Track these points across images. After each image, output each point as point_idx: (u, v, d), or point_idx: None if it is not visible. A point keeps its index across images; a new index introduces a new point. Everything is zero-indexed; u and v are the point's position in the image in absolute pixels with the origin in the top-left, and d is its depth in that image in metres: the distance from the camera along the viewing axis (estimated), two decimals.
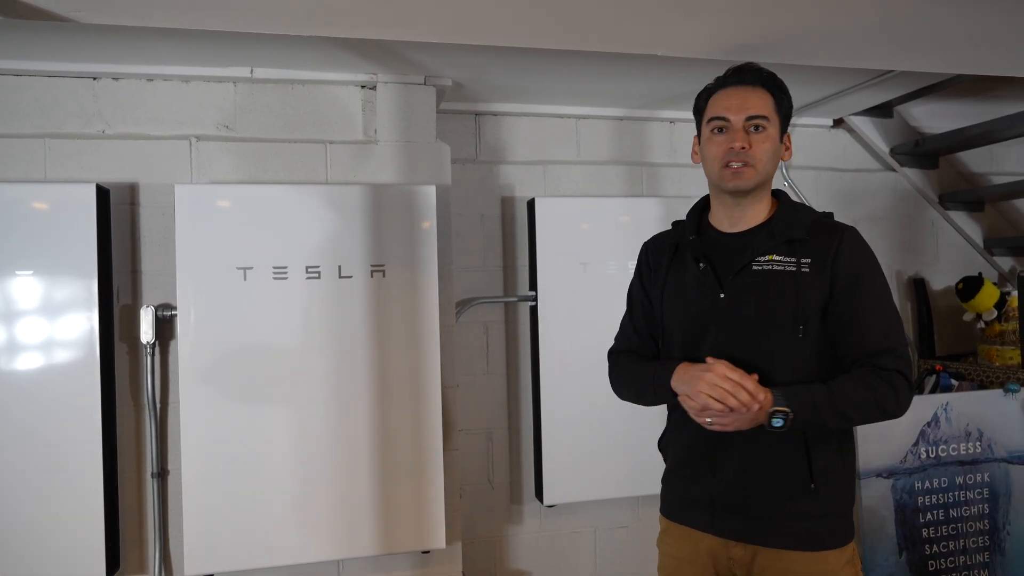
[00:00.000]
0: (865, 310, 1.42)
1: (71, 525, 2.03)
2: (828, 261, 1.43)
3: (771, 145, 1.46)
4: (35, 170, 2.14)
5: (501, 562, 2.71)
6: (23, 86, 2.15)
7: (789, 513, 1.44)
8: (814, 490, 1.43)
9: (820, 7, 1.67)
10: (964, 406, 2.48)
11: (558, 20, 1.72)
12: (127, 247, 2.21)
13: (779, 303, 1.43)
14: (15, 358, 2.03)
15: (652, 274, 1.61)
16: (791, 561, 1.43)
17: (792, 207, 1.53)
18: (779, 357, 1.43)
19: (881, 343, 1.41)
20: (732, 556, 1.48)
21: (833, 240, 1.45)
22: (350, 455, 2.19)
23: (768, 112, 1.46)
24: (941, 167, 3.12)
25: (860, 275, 1.44)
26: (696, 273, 1.51)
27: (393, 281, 2.23)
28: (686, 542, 1.54)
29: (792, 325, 1.42)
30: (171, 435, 2.22)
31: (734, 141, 1.44)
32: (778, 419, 1.33)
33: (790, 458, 1.43)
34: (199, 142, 2.24)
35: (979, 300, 2.88)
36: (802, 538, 1.43)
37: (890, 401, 1.39)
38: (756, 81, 1.49)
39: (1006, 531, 2.48)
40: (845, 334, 1.43)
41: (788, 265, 1.44)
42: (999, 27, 1.80)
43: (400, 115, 2.33)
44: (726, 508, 1.48)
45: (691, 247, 1.53)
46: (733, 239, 1.51)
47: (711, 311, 1.47)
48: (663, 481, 1.64)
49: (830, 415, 1.37)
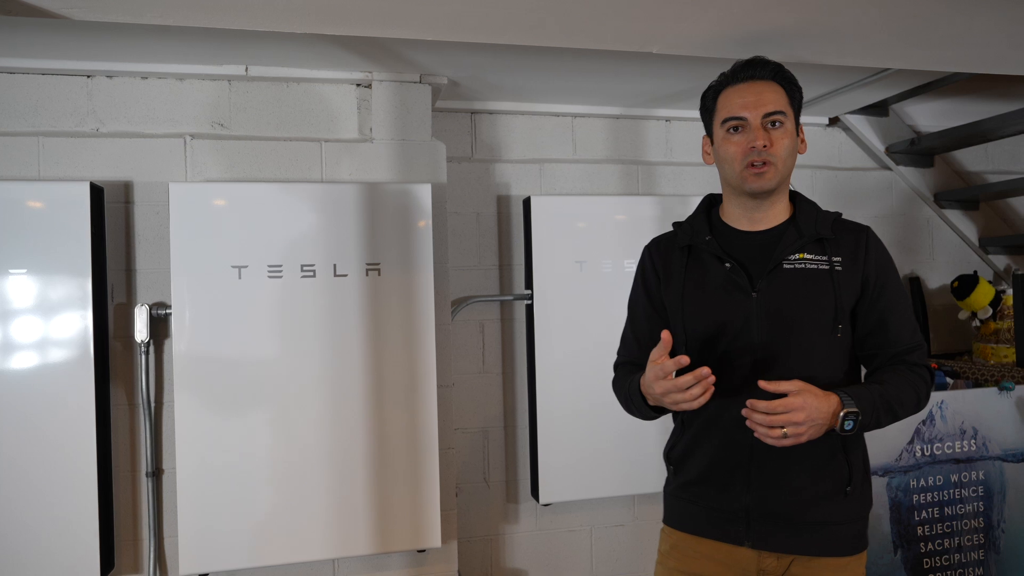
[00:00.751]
0: (895, 308, 1.43)
1: (65, 524, 2.03)
2: (860, 260, 1.42)
3: (790, 140, 1.42)
4: (29, 168, 2.13)
5: (497, 561, 2.71)
6: (17, 84, 2.14)
7: (826, 518, 1.41)
8: (849, 493, 1.42)
9: (815, 5, 1.67)
10: (959, 404, 2.48)
11: (553, 18, 1.72)
12: (121, 246, 2.20)
13: (819, 302, 1.40)
14: (9, 357, 2.02)
15: (665, 278, 1.52)
16: (823, 568, 1.40)
17: (812, 205, 1.50)
18: (817, 356, 1.40)
19: (911, 340, 1.43)
20: (763, 568, 1.42)
21: (860, 239, 1.44)
22: (345, 454, 2.18)
23: (784, 107, 1.42)
24: (937, 166, 3.13)
25: (888, 274, 1.45)
26: (722, 273, 1.44)
27: (388, 280, 2.22)
28: (707, 558, 1.46)
29: (832, 324, 1.40)
30: (166, 434, 2.22)
31: (755, 140, 1.39)
32: (850, 421, 1.30)
33: (829, 461, 1.40)
34: (193, 140, 2.23)
35: (974, 298, 2.88)
36: (836, 544, 1.41)
37: (924, 397, 1.42)
38: (767, 75, 1.43)
39: (1000, 529, 2.48)
40: (877, 332, 1.43)
41: (821, 264, 1.41)
42: (994, 25, 1.80)
43: (395, 113, 2.33)
44: (763, 518, 1.41)
45: (710, 247, 1.46)
46: (757, 238, 1.46)
47: (744, 312, 1.41)
48: (674, 493, 1.55)
49: (884, 414, 1.36)
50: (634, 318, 1.59)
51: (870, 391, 1.35)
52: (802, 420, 1.27)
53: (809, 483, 1.40)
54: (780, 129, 1.41)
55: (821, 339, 1.40)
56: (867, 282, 1.42)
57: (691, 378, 1.28)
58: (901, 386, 1.39)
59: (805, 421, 1.27)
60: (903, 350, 1.43)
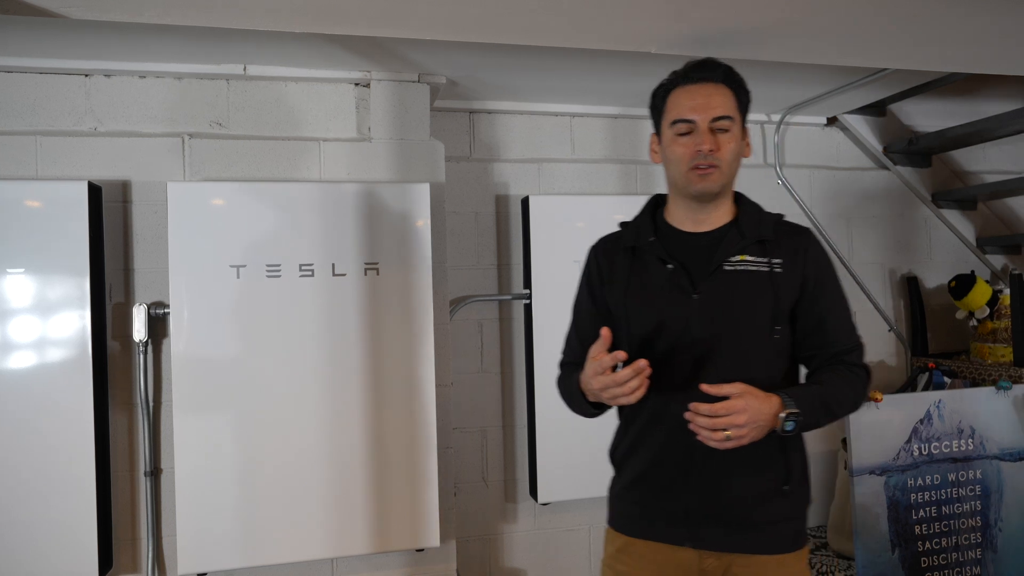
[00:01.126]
0: (833, 310, 1.46)
1: (64, 524, 2.02)
2: (799, 262, 1.44)
3: (736, 145, 1.44)
4: (27, 168, 2.13)
5: (495, 560, 2.71)
6: (14, 83, 2.13)
7: (766, 517, 1.43)
8: (787, 492, 1.44)
9: (814, 4, 1.67)
10: (956, 403, 2.49)
11: (552, 18, 1.72)
12: (119, 245, 2.20)
13: (757, 303, 1.42)
14: (7, 356, 2.02)
15: (609, 278, 1.54)
16: (764, 566, 1.42)
17: (755, 207, 1.52)
18: (756, 356, 1.42)
19: (849, 341, 1.46)
20: (705, 568, 1.44)
21: (800, 241, 1.47)
22: (344, 453, 2.18)
23: (731, 111, 1.43)
24: (934, 165, 3.13)
25: (826, 276, 1.47)
26: (664, 274, 1.46)
27: (387, 279, 2.22)
28: (650, 561, 1.48)
29: (770, 325, 1.42)
30: (164, 434, 2.21)
31: (701, 144, 1.40)
32: (791, 422, 1.32)
33: (768, 461, 1.42)
34: (192, 139, 2.23)
35: (971, 298, 2.89)
36: (776, 542, 1.43)
37: (861, 397, 1.46)
38: (717, 78, 1.44)
39: (998, 528, 2.49)
40: (815, 333, 1.45)
41: (761, 266, 1.43)
42: (992, 25, 1.81)
43: (394, 113, 2.33)
44: (703, 518, 1.43)
45: (653, 248, 1.48)
46: (700, 239, 1.48)
47: (685, 314, 1.43)
48: (618, 495, 1.56)
49: (823, 414, 1.39)
50: (578, 319, 1.62)
51: (810, 392, 1.38)
52: (744, 422, 1.28)
53: (748, 483, 1.42)
54: (727, 133, 1.43)
55: (759, 340, 1.42)
56: (806, 284, 1.44)
57: (630, 371, 1.30)
58: (839, 386, 1.42)
59: (747, 423, 1.29)
60: (841, 350, 1.45)
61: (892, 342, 3.14)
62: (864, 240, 3.13)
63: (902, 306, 3.17)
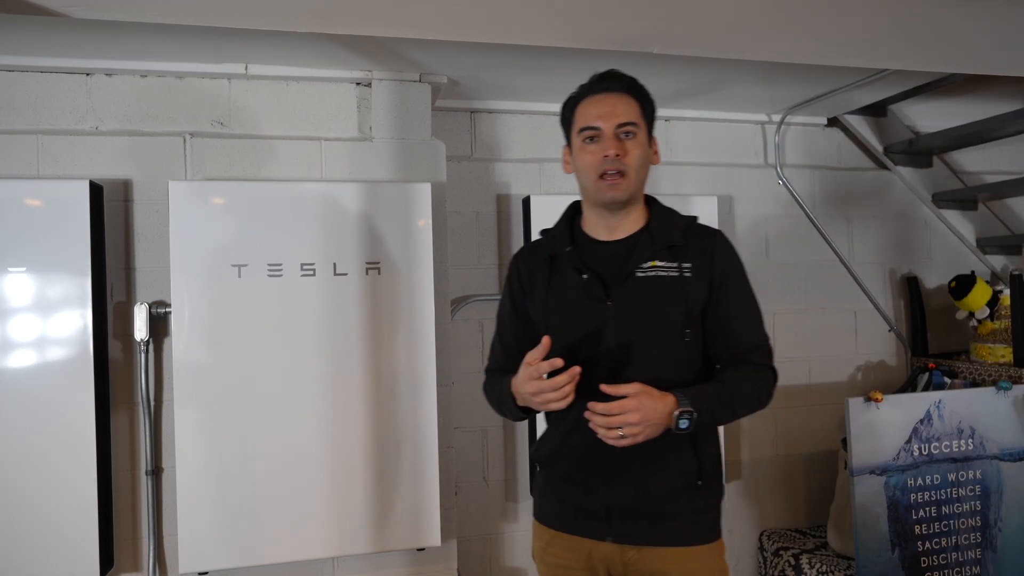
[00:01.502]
0: (739, 310, 1.52)
1: (65, 523, 2.03)
2: (707, 265, 1.50)
3: (642, 151, 1.49)
4: (28, 167, 2.13)
5: (496, 560, 2.71)
6: (16, 82, 2.13)
7: (682, 511, 1.49)
8: (701, 486, 1.50)
9: (815, 6, 1.67)
10: (956, 404, 2.49)
11: (554, 18, 1.72)
12: (121, 244, 2.20)
13: (668, 308, 1.48)
14: (8, 355, 2.02)
15: (529, 288, 1.59)
16: (680, 557, 1.48)
17: (666, 212, 1.57)
18: (668, 359, 1.48)
19: (753, 340, 1.52)
20: (627, 560, 1.50)
21: (708, 244, 1.52)
22: (345, 453, 2.19)
23: (636, 118, 1.49)
24: (935, 166, 3.13)
25: (733, 277, 1.53)
26: (580, 283, 1.51)
27: (388, 279, 2.23)
28: (576, 552, 1.54)
29: (681, 328, 1.48)
30: (165, 433, 2.21)
31: (607, 149, 1.45)
32: (684, 420, 1.37)
33: (680, 457, 1.49)
34: (193, 139, 2.23)
35: (971, 298, 2.89)
36: (692, 533, 1.49)
37: (765, 395, 1.51)
38: (621, 88, 1.51)
39: (997, 528, 2.49)
40: (721, 333, 1.51)
41: (671, 271, 1.49)
42: (993, 26, 1.81)
43: (395, 112, 2.33)
44: (623, 514, 1.49)
45: (570, 258, 1.53)
46: (613, 247, 1.54)
47: (599, 320, 1.48)
48: (542, 491, 1.62)
49: (724, 412, 1.45)
50: (501, 327, 1.67)
51: (708, 390, 1.44)
52: (637, 420, 1.34)
53: (664, 478, 1.48)
54: (632, 140, 1.48)
55: (671, 343, 1.48)
56: (713, 285, 1.50)
57: (566, 377, 1.35)
58: (740, 384, 1.47)
59: (640, 421, 1.34)
60: (746, 349, 1.50)
61: (892, 342, 3.15)
62: (864, 240, 3.13)
63: (902, 306, 3.17)
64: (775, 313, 3.00)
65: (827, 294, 3.07)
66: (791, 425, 3.03)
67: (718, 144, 2.95)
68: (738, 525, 2.97)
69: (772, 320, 3.01)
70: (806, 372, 3.05)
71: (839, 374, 3.10)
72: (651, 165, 1.56)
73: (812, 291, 3.06)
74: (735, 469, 2.95)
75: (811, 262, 3.06)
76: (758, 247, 3.00)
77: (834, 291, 3.08)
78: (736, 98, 2.74)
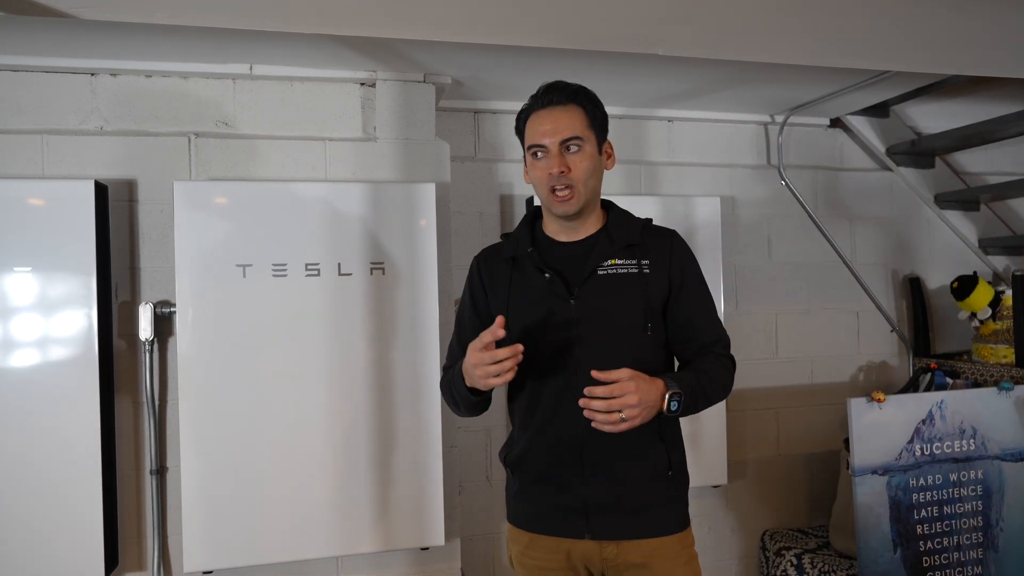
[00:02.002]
0: (699, 305, 1.58)
1: (70, 522, 2.03)
2: (666, 262, 1.55)
3: (590, 162, 1.52)
4: (33, 166, 2.13)
5: (500, 560, 2.72)
6: (21, 82, 2.14)
7: (655, 502, 1.54)
8: (671, 477, 1.55)
9: (819, 8, 1.68)
10: (958, 404, 2.50)
11: (558, 19, 1.73)
12: (126, 244, 2.21)
13: (630, 304, 1.52)
14: (13, 355, 2.02)
15: (491, 288, 1.62)
16: (660, 548, 1.52)
17: (623, 214, 1.62)
18: (631, 352, 1.51)
19: (714, 333, 1.58)
20: (605, 557, 1.53)
21: (667, 243, 1.58)
22: (349, 453, 2.19)
23: (580, 130, 1.51)
24: (937, 167, 3.14)
25: (692, 274, 1.58)
26: (542, 283, 1.54)
27: (392, 279, 2.23)
28: (555, 553, 1.56)
29: (642, 323, 1.52)
30: (170, 432, 2.22)
31: (553, 166, 1.49)
32: (675, 402, 1.41)
33: (650, 449, 1.53)
34: (198, 139, 2.23)
35: (974, 299, 2.89)
36: (667, 523, 1.54)
37: (730, 381, 1.57)
38: (565, 99, 1.52)
39: (999, 528, 2.50)
40: (684, 327, 1.57)
41: (631, 268, 1.54)
42: (995, 28, 1.82)
43: (399, 113, 2.34)
44: (600, 510, 1.52)
45: (531, 258, 1.57)
46: (573, 247, 1.58)
47: (564, 318, 1.52)
48: (516, 496, 1.63)
49: (701, 398, 1.49)
50: (460, 328, 1.68)
51: (687, 376, 1.49)
52: (636, 402, 1.36)
53: (635, 471, 1.52)
54: (578, 152, 1.51)
55: (634, 337, 1.52)
56: (672, 283, 1.55)
57: (508, 351, 1.38)
58: (711, 372, 1.52)
59: (639, 403, 1.36)
60: (708, 342, 1.57)
61: (894, 342, 3.16)
62: (867, 241, 3.14)
63: (904, 307, 3.18)
64: (777, 313, 3.01)
65: (829, 294, 3.08)
66: (793, 425, 3.04)
67: (721, 145, 2.95)
68: (740, 525, 2.97)
69: (774, 320, 3.01)
70: (808, 372, 3.06)
71: (841, 374, 3.10)
72: (604, 171, 1.60)
73: (814, 292, 3.06)
74: (737, 469, 2.95)
75: (813, 263, 3.06)
76: (760, 248, 3.00)
77: (836, 291, 3.09)
78: (739, 99, 2.75)
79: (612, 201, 1.66)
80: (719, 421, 2.76)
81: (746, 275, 2.98)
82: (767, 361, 3.00)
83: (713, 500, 2.93)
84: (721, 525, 2.96)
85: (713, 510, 2.94)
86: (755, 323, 2.97)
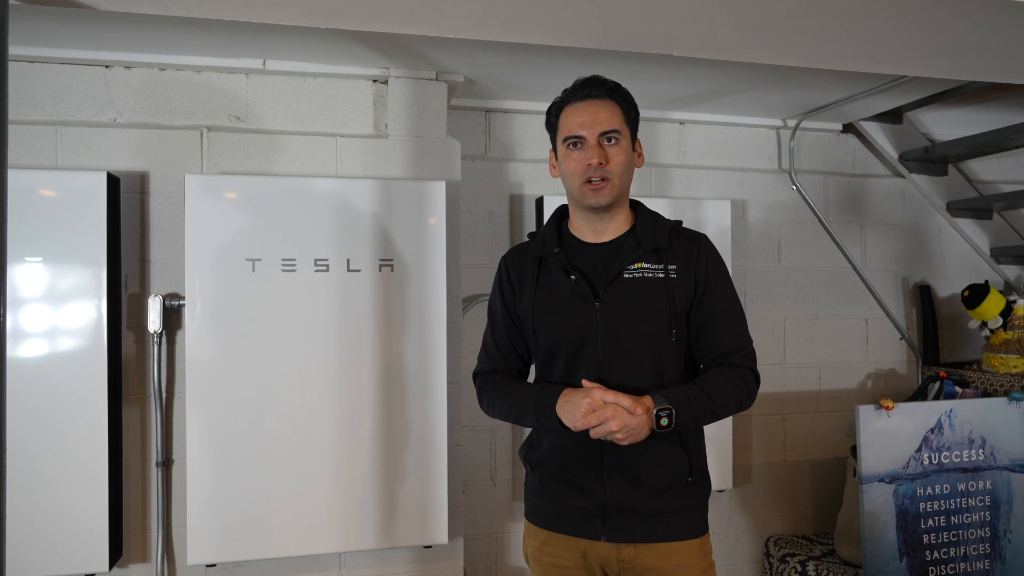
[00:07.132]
0: (722, 312, 1.55)
1: (75, 513, 2.04)
2: (692, 267, 1.54)
3: (625, 157, 1.52)
4: (46, 157, 2.14)
5: (502, 559, 2.71)
6: (35, 73, 2.15)
7: (674, 507, 1.53)
8: (691, 483, 1.55)
9: (835, 11, 1.67)
10: (967, 413, 2.48)
11: (573, 17, 1.72)
12: (136, 236, 2.21)
13: (654, 308, 1.51)
14: (23, 345, 2.03)
15: (518, 290, 1.62)
16: (672, 552, 1.52)
17: (652, 216, 1.60)
18: (654, 359, 1.51)
19: (735, 342, 1.55)
20: (622, 558, 1.53)
21: (694, 247, 1.56)
22: (354, 449, 2.19)
23: (619, 124, 1.52)
24: (950, 174, 3.12)
25: (717, 280, 1.56)
26: (568, 285, 1.54)
27: (401, 276, 2.23)
28: (572, 551, 1.56)
29: (667, 329, 1.51)
30: (176, 425, 2.22)
31: (591, 157, 1.49)
32: (664, 417, 1.41)
33: (671, 455, 1.53)
34: (210, 132, 2.24)
35: (984, 308, 2.88)
36: (683, 528, 1.54)
37: (746, 397, 1.53)
38: (604, 94, 1.53)
39: (1007, 539, 2.48)
40: (705, 334, 1.55)
41: (657, 272, 1.53)
42: (1011, 35, 1.80)
43: (411, 110, 2.34)
44: (618, 513, 1.52)
45: (558, 260, 1.56)
46: (600, 249, 1.57)
47: (588, 321, 1.51)
48: (535, 493, 1.63)
49: (704, 413, 1.47)
50: (495, 328, 1.69)
51: (685, 389, 1.47)
52: (618, 428, 1.39)
53: (655, 476, 1.52)
54: (616, 146, 1.51)
55: (658, 343, 1.52)
56: (698, 287, 1.54)
57: (611, 412, 1.41)
58: (719, 385, 1.49)
59: (621, 428, 1.39)
60: (727, 351, 1.54)
61: (904, 350, 3.14)
62: (877, 247, 3.12)
63: (914, 314, 3.16)
64: (786, 319, 2.99)
65: (839, 301, 3.06)
66: (800, 431, 3.02)
67: (732, 148, 2.94)
68: (745, 530, 2.96)
69: (783, 326, 3.00)
70: (816, 378, 3.04)
71: (849, 381, 3.09)
72: (636, 168, 1.59)
73: (824, 297, 3.05)
74: (744, 474, 2.94)
75: (823, 268, 3.05)
76: (770, 252, 2.99)
77: (846, 298, 3.07)
78: (751, 103, 2.74)
79: (640, 201, 1.65)
80: (725, 425, 2.75)
81: (755, 280, 2.97)
82: (775, 366, 2.99)
83: (718, 505, 2.92)
84: (725, 530, 2.95)
85: (718, 515, 2.92)
86: (763, 328, 2.96)
